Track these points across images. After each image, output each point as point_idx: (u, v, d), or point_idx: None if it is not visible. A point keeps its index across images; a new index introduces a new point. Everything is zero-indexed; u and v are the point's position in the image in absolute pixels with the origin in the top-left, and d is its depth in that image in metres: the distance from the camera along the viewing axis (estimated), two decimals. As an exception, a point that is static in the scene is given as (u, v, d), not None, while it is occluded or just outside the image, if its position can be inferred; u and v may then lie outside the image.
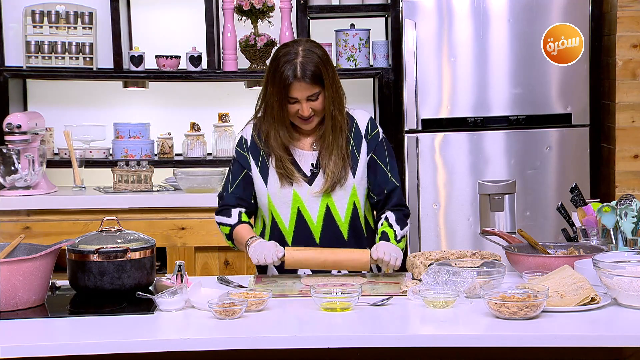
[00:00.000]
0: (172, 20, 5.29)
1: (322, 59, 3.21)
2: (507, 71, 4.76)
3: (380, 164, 3.32)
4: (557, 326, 2.61)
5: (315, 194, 3.27)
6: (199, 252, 4.78)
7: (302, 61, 3.17)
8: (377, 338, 2.58)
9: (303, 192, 3.27)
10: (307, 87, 3.17)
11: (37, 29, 5.08)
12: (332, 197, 3.27)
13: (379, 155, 3.32)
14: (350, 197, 3.29)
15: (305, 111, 3.20)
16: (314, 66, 3.17)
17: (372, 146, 3.31)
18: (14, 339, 2.58)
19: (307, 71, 3.16)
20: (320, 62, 3.19)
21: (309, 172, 3.29)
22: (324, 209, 3.28)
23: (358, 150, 3.30)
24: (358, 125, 3.33)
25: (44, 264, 2.88)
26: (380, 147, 3.33)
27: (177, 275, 2.98)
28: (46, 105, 5.26)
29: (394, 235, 3.25)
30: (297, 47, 3.20)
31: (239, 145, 3.35)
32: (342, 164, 3.26)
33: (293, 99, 3.19)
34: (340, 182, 3.27)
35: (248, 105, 5.24)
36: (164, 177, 5.14)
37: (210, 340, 2.57)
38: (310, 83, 3.17)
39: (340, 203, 3.28)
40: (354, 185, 3.28)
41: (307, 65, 3.16)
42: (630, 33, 4.76)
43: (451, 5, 4.74)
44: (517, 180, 4.77)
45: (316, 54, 3.20)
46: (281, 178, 3.28)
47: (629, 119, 4.80)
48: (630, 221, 3.17)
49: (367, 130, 3.33)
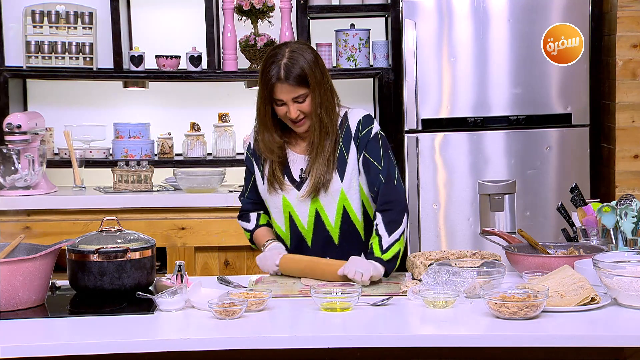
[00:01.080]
0: (172, 20, 5.29)
1: (309, 60, 3.15)
2: (507, 71, 4.76)
3: (373, 161, 3.22)
4: (557, 326, 2.61)
5: (303, 199, 3.24)
6: (199, 252, 4.78)
7: (287, 63, 3.12)
8: (377, 338, 2.58)
9: (292, 198, 3.25)
10: (291, 89, 3.13)
11: (37, 29, 5.08)
12: (320, 201, 3.23)
13: (370, 152, 3.21)
14: (340, 201, 3.23)
15: (292, 113, 3.15)
16: (298, 68, 3.12)
17: (362, 145, 3.21)
18: (14, 339, 2.58)
19: (291, 73, 3.11)
20: (307, 64, 3.13)
21: (298, 177, 3.27)
22: (314, 213, 3.25)
23: (347, 153, 3.22)
24: (350, 126, 3.24)
25: (44, 264, 2.88)
26: (373, 143, 3.22)
27: (177, 275, 2.98)
28: (46, 105, 5.26)
29: (379, 247, 3.13)
30: (284, 49, 3.17)
31: (247, 149, 3.37)
32: (325, 168, 3.20)
33: (280, 100, 3.16)
34: (325, 187, 3.20)
35: (248, 105, 5.26)
36: (164, 177, 5.14)
37: (210, 340, 2.57)
38: (295, 84, 3.12)
39: (329, 208, 3.24)
40: (341, 189, 3.21)
41: (291, 67, 3.12)
42: (630, 33, 4.76)
43: (451, 5, 4.74)
44: (517, 180, 4.77)
45: (302, 55, 3.15)
46: (269, 184, 3.27)
47: (629, 119, 4.80)
48: (630, 221, 3.17)
49: (358, 130, 3.22)
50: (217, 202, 4.78)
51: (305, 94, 3.15)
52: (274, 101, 3.17)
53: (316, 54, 3.20)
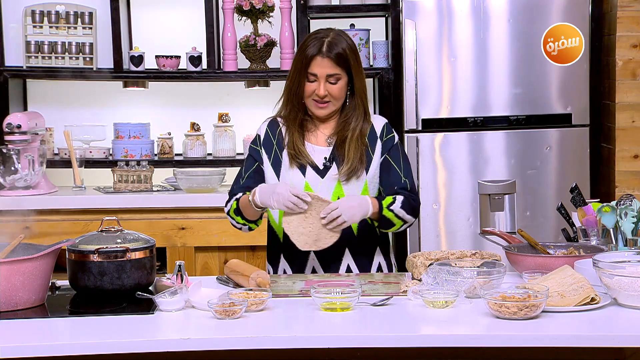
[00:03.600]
0: (172, 20, 5.29)
1: (351, 45, 3.24)
2: (507, 71, 4.76)
3: (394, 165, 3.29)
4: (557, 326, 2.60)
5: (326, 184, 3.23)
6: (199, 252, 4.78)
7: (330, 40, 3.20)
8: (377, 338, 2.58)
9: (315, 184, 3.25)
10: (329, 65, 3.18)
11: (37, 29, 5.08)
12: (345, 190, 3.24)
13: (393, 157, 3.30)
14: (362, 192, 3.26)
15: (321, 90, 3.19)
16: (341, 48, 3.20)
17: (386, 147, 3.30)
18: (14, 339, 2.58)
19: (333, 49, 3.19)
20: (349, 47, 3.22)
21: (322, 165, 3.27)
22: (335, 200, 3.22)
23: (373, 150, 3.29)
24: (374, 127, 3.31)
25: (44, 264, 2.88)
26: (395, 150, 3.31)
27: (177, 275, 2.98)
28: (46, 105, 5.26)
29: (388, 203, 3.18)
30: (329, 31, 3.26)
31: (252, 142, 3.37)
32: (360, 156, 3.25)
33: (313, 75, 3.20)
34: (357, 174, 3.24)
35: (248, 105, 5.28)
36: (164, 177, 5.14)
37: (210, 340, 2.57)
38: (334, 62, 3.19)
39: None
40: (366, 180, 3.26)
41: (333, 45, 3.20)
42: (630, 33, 4.76)
43: (451, 5, 4.74)
44: (517, 180, 4.77)
45: (346, 40, 3.23)
46: (291, 159, 3.25)
47: (629, 119, 4.80)
48: (630, 221, 3.17)
49: (383, 133, 3.31)
50: (217, 202, 4.76)
51: (339, 76, 3.21)
52: (306, 76, 3.20)
53: (355, 44, 3.28)
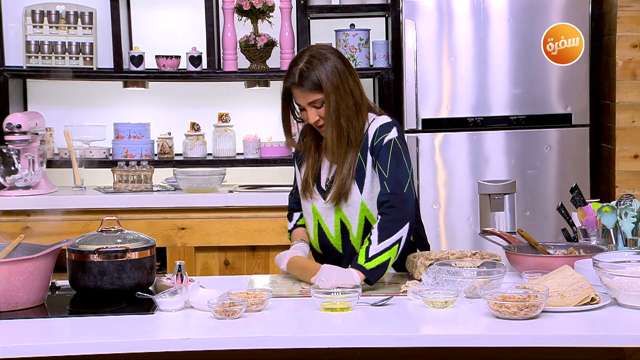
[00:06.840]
0: (172, 20, 5.29)
1: (327, 66, 3.09)
2: (507, 71, 4.76)
3: (382, 170, 3.12)
4: (557, 326, 2.61)
5: (328, 209, 3.22)
6: (199, 252, 4.78)
7: (302, 67, 3.10)
8: (377, 338, 2.58)
9: (319, 206, 3.24)
10: (305, 94, 3.11)
11: (37, 29, 5.08)
12: (343, 212, 3.21)
13: (380, 160, 3.12)
14: (361, 213, 3.18)
15: (309, 118, 3.14)
16: (312, 73, 3.08)
17: (376, 154, 3.14)
18: (14, 339, 2.58)
19: (304, 78, 3.09)
20: (323, 69, 3.08)
21: (325, 185, 3.24)
22: (339, 223, 3.22)
23: (365, 164, 3.16)
24: (368, 136, 3.16)
25: (44, 264, 2.88)
26: (383, 151, 3.12)
27: (177, 275, 2.98)
28: (46, 105, 5.26)
29: (365, 254, 3.01)
30: (305, 54, 3.14)
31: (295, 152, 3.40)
32: (346, 178, 3.14)
33: (298, 104, 3.18)
34: (345, 198, 3.16)
35: (248, 105, 5.28)
36: (164, 177, 5.14)
37: (210, 340, 2.57)
38: (308, 90, 3.10)
39: (352, 219, 3.20)
40: (361, 201, 3.17)
41: (305, 72, 3.09)
42: (630, 33, 4.76)
43: (451, 5, 4.74)
44: (517, 180, 4.77)
45: (320, 61, 3.10)
46: (302, 191, 3.28)
47: (629, 119, 4.80)
48: (630, 221, 3.17)
49: (373, 139, 3.14)
50: (217, 202, 4.77)
51: (320, 100, 3.11)
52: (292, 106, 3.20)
53: (338, 60, 3.13)
